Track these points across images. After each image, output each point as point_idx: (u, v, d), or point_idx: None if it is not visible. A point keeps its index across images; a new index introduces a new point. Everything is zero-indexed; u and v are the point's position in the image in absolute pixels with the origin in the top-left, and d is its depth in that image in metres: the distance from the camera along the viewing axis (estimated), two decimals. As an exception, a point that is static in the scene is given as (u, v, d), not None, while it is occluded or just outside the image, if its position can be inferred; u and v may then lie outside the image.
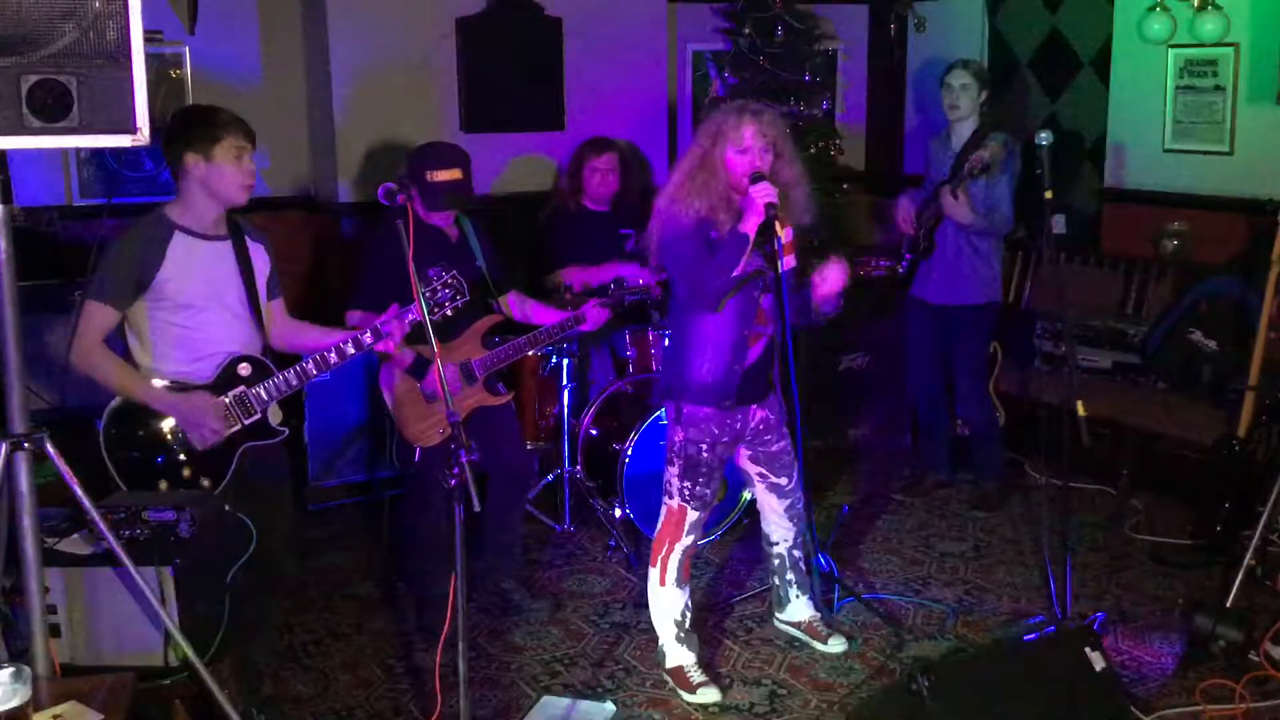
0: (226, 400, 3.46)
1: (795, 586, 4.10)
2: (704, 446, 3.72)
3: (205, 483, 3.47)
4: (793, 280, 3.69)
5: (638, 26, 6.23)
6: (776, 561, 4.08)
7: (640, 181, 6.08)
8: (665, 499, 3.82)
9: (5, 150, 2.50)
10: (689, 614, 3.88)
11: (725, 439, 3.75)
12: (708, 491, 3.78)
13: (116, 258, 3.38)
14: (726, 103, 3.78)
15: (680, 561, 3.82)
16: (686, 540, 3.81)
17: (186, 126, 3.41)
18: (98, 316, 3.38)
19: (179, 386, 3.44)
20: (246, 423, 3.50)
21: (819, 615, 4.13)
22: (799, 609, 4.11)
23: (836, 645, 4.04)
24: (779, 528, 4.02)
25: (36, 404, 4.57)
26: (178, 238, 3.42)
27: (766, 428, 3.85)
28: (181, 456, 3.45)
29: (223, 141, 3.36)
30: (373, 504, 5.25)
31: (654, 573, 3.85)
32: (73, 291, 4.86)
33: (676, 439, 3.76)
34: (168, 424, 3.44)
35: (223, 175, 3.39)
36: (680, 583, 3.84)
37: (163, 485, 3.43)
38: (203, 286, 3.44)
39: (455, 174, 4.13)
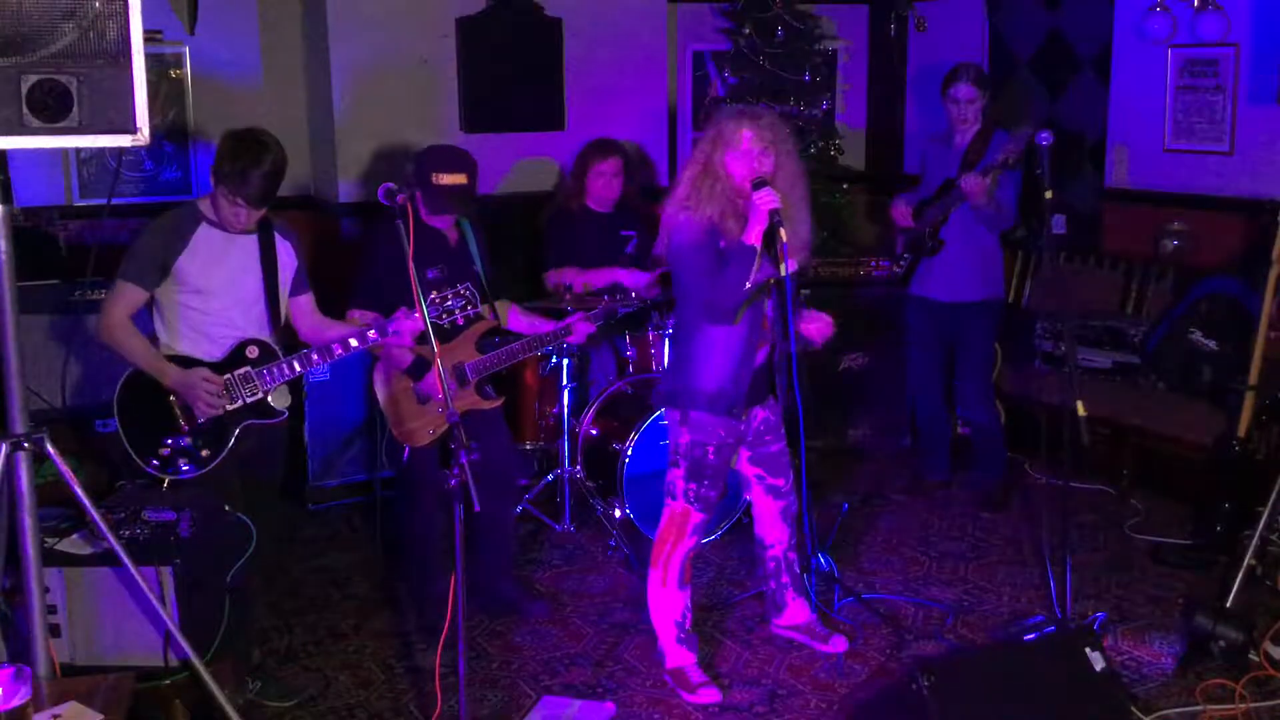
0: (228, 378, 3.61)
1: (791, 589, 4.09)
2: (710, 449, 3.72)
3: (205, 453, 3.62)
4: (795, 284, 3.68)
5: (638, 26, 6.23)
6: (771, 565, 4.07)
7: (643, 182, 6.08)
8: (668, 500, 3.81)
9: (5, 150, 2.50)
10: (689, 615, 3.88)
11: (730, 441, 3.75)
12: (713, 494, 3.78)
13: (146, 241, 3.60)
14: (727, 105, 3.78)
15: (682, 563, 3.82)
16: (689, 541, 3.81)
17: (224, 148, 3.55)
18: (125, 294, 3.58)
19: (185, 362, 3.59)
20: (248, 400, 3.64)
21: (816, 616, 4.13)
22: (796, 612, 4.11)
23: (837, 645, 4.04)
24: (773, 530, 4.02)
25: (36, 404, 4.58)
26: (204, 227, 3.62)
27: (767, 428, 3.85)
28: (185, 426, 3.60)
29: (225, 190, 3.53)
30: (373, 504, 5.25)
31: (655, 574, 3.84)
32: (73, 292, 4.88)
33: (682, 441, 3.75)
34: (172, 395, 3.60)
35: (219, 205, 3.59)
36: (681, 584, 3.84)
37: (164, 452, 3.58)
38: (219, 274, 3.61)
39: (460, 178, 4.13)
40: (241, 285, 3.65)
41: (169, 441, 3.58)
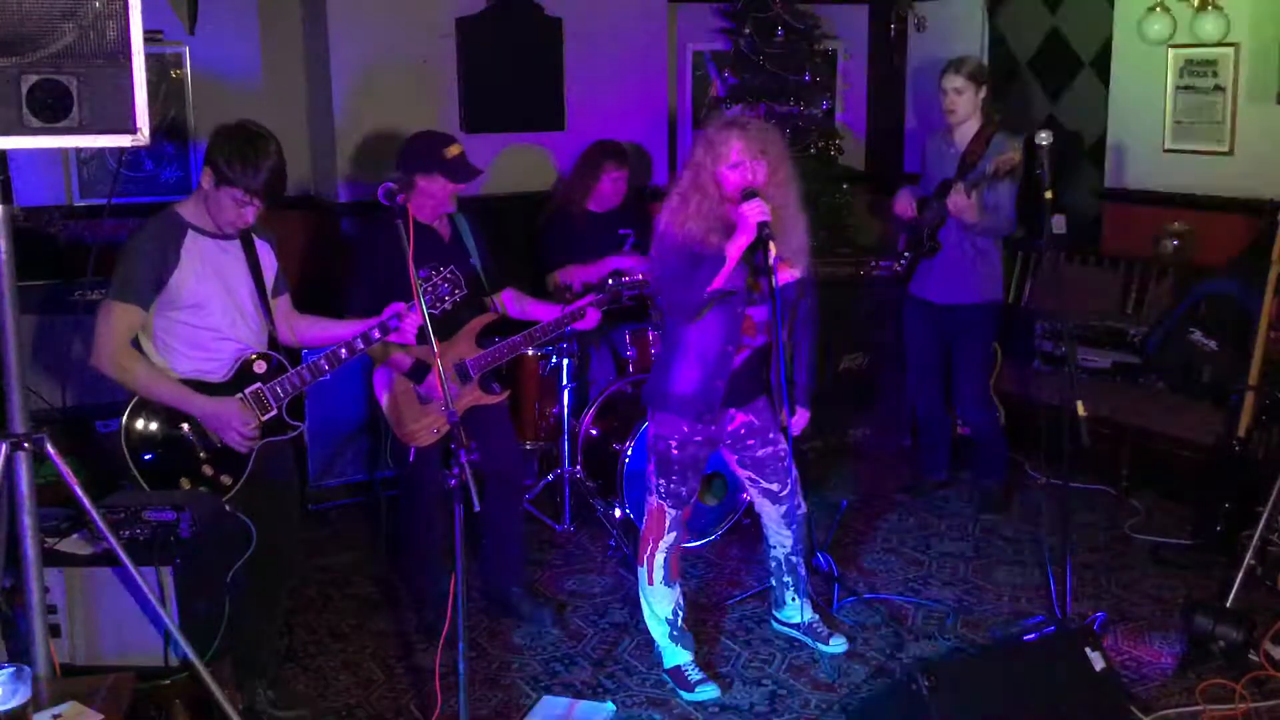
0: (241, 397, 3.48)
1: (792, 589, 4.09)
2: (673, 444, 3.71)
3: (226, 480, 3.50)
4: (794, 293, 3.69)
5: (638, 26, 6.23)
6: (774, 564, 4.08)
7: (640, 183, 6.08)
8: (647, 496, 3.84)
9: (5, 150, 2.50)
10: (681, 612, 3.88)
11: (697, 438, 3.74)
12: (682, 490, 3.77)
13: (135, 257, 3.37)
14: (717, 114, 3.78)
15: (666, 559, 3.81)
16: (669, 537, 3.80)
17: (222, 145, 3.36)
18: (123, 317, 3.36)
19: (196, 387, 3.45)
20: (264, 419, 3.53)
21: (817, 617, 4.13)
22: (796, 611, 4.11)
23: (837, 645, 4.04)
24: (776, 533, 4.02)
25: (36, 404, 4.58)
26: (190, 236, 3.43)
27: (749, 432, 3.83)
28: (202, 454, 3.48)
29: (234, 187, 3.34)
30: (373, 504, 5.25)
31: (642, 572, 3.85)
32: (73, 292, 4.88)
33: (650, 435, 3.78)
34: (187, 423, 3.46)
35: (219, 206, 3.40)
36: (669, 580, 3.84)
37: (185, 483, 3.45)
38: (215, 285, 3.46)
39: (460, 148, 4.17)
40: (236, 293, 3.51)
41: (187, 472, 3.45)
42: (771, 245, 3.40)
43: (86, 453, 4.67)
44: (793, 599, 4.09)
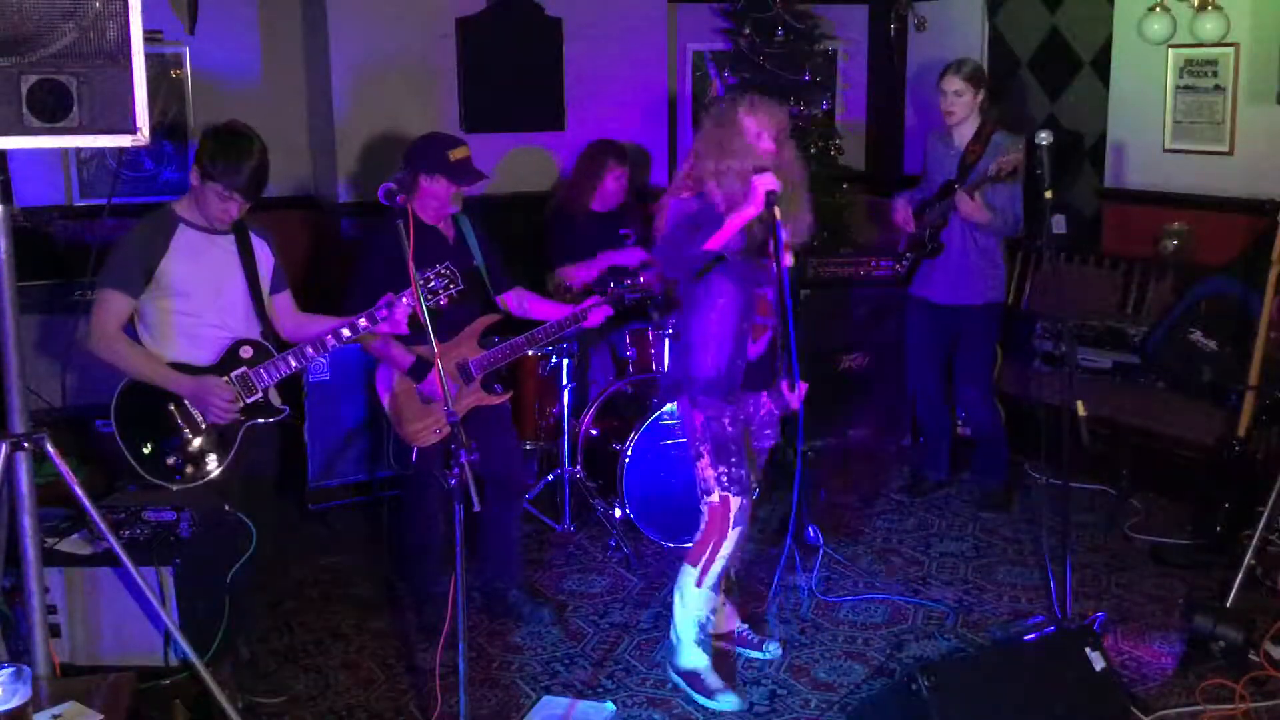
0: (230, 379, 3.60)
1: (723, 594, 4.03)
2: (725, 420, 3.65)
3: (212, 458, 3.60)
4: (791, 277, 3.69)
5: (638, 26, 6.23)
6: None
7: (640, 183, 6.08)
8: (704, 498, 3.69)
9: (5, 150, 2.50)
10: (713, 618, 3.85)
11: (741, 417, 3.72)
12: (743, 472, 3.66)
13: (127, 247, 3.57)
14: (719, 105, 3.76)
15: (724, 566, 3.72)
16: (734, 534, 3.66)
17: (208, 144, 3.53)
18: (113, 303, 3.54)
19: (184, 370, 3.57)
20: (248, 400, 3.63)
21: (745, 625, 4.09)
22: (722, 619, 4.04)
23: (772, 650, 4.01)
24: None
25: (36, 404, 4.57)
26: (182, 230, 3.59)
27: (769, 420, 3.85)
28: (189, 434, 3.58)
29: (217, 184, 3.50)
30: (373, 504, 5.25)
31: (692, 572, 3.71)
32: (73, 291, 4.89)
33: (697, 423, 3.67)
34: (176, 403, 3.57)
35: (206, 202, 3.57)
36: (716, 587, 3.76)
37: (170, 461, 3.56)
38: (203, 276, 3.60)
39: (467, 151, 4.17)
40: (226, 285, 3.64)
41: (174, 451, 3.56)
42: (777, 210, 3.41)
43: (86, 453, 4.68)
44: (723, 604, 4.03)
